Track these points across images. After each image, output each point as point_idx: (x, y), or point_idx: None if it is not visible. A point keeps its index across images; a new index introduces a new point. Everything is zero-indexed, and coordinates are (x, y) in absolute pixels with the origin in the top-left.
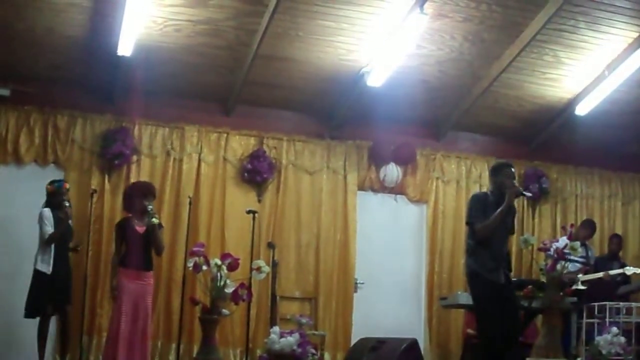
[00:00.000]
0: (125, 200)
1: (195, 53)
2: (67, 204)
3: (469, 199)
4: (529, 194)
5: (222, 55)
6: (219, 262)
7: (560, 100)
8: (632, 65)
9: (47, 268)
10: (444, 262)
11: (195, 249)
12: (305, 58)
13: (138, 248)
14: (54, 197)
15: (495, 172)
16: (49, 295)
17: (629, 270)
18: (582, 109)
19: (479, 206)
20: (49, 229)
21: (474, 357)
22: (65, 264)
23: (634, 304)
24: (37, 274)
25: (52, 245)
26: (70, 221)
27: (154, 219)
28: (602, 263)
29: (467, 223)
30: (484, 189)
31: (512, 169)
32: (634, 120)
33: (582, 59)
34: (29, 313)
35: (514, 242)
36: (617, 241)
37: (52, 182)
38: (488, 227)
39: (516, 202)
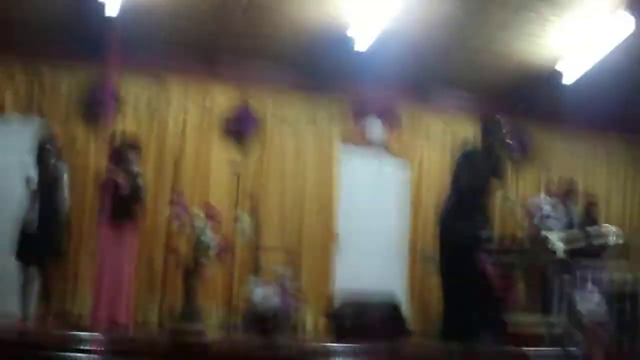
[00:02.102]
0: (110, 155)
1: (180, 5)
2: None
3: (458, 156)
4: (513, 145)
5: (208, 8)
6: (201, 214)
7: (547, 61)
8: (618, 30)
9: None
10: (427, 219)
11: (177, 201)
12: (292, 12)
13: (121, 202)
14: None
15: (484, 127)
16: (24, 244)
17: (610, 233)
18: (567, 72)
19: (466, 162)
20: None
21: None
22: (45, 214)
23: (615, 266)
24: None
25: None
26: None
27: (138, 180)
28: (580, 223)
29: (454, 180)
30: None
31: (501, 123)
32: (618, 83)
33: (568, 23)
34: (17, 257)
35: (496, 201)
36: (594, 201)
37: None
38: (472, 181)
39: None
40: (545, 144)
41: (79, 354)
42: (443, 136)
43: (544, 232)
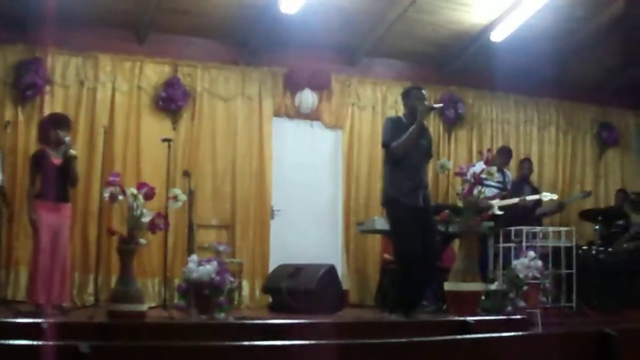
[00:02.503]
0: (40, 132)
1: None
2: None
3: (384, 121)
4: (439, 105)
5: None
6: (135, 192)
7: (476, 26)
8: None
9: None
10: (360, 188)
11: (110, 178)
12: None
13: (54, 180)
14: None
15: (405, 96)
16: None
17: (546, 197)
18: (497, 35)
19: (393, 127)
20: None
21: (391, 281)
22: None
23: (550, 229)
24: None
25: None
26: None
27: (71, 151)
28: (515, 187)
29: (383, 145)
30: (400, 114)
31: (423, 91)
32: (550, 46)
33: None
34: None
35: (430, 167)
36: (527, 165)
37: None
38: (403, 144)
39: (432, 128)
40: (478, 110)
41: (17, 341)
42: (374, 103)
43: (481, 199)
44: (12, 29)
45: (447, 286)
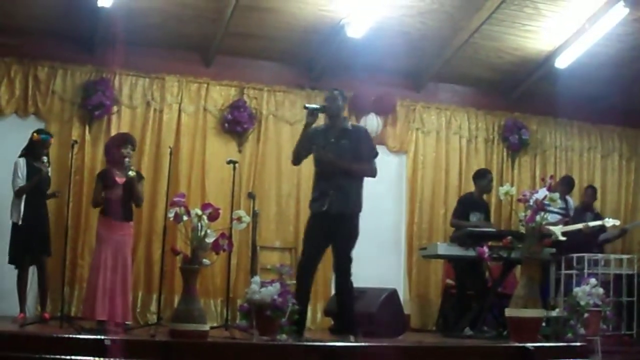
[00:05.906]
0: (105, 153)
1: (176, 3)
2: (44, 159)
3: None
4: (312, 106)
5: (203, 5)
6: (200, 212)
7: (541, 53)
8: (613, 18)
9: (17, 219)
10: (424, 212)
11: (176, 199)
12: (286, 8)
13: (118, 199)
14: (36, 148)
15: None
16: (23, 246)
17: (609, 222)
18: (562, 62)
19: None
20: (20, 181)
21: (452, 306)
22: (40, 215)
23: (612, 256)
24: (13, 226)
25: (23, 197)
26: (48, 172)
27: (130, 172)
28: (577, 214)
29: None
30: (464, 140)
31: (334, 92)
32: (614, 73)
33: (562, 12)
34: (11, 261)
35: (493, 193)
36: (591, 192)
37: (39, 132)
38: (294, 149)
39: (495, 154)
40: (542, 137)
41: (80, 357)
42: (438, 128)
43: (543, 225)
44: (80, 50)
45: (508, 312)
